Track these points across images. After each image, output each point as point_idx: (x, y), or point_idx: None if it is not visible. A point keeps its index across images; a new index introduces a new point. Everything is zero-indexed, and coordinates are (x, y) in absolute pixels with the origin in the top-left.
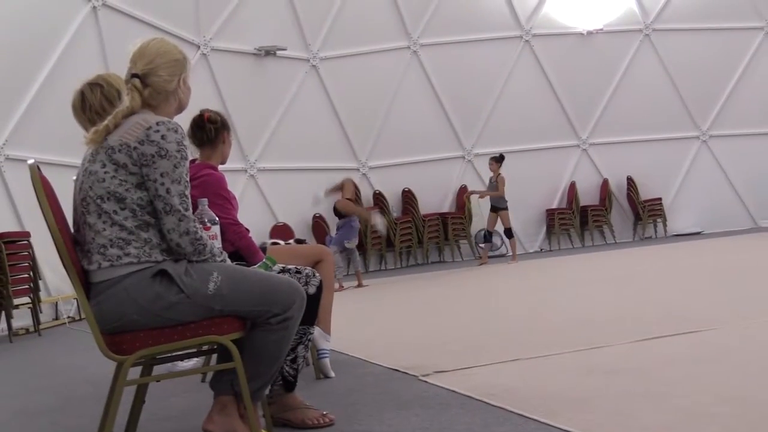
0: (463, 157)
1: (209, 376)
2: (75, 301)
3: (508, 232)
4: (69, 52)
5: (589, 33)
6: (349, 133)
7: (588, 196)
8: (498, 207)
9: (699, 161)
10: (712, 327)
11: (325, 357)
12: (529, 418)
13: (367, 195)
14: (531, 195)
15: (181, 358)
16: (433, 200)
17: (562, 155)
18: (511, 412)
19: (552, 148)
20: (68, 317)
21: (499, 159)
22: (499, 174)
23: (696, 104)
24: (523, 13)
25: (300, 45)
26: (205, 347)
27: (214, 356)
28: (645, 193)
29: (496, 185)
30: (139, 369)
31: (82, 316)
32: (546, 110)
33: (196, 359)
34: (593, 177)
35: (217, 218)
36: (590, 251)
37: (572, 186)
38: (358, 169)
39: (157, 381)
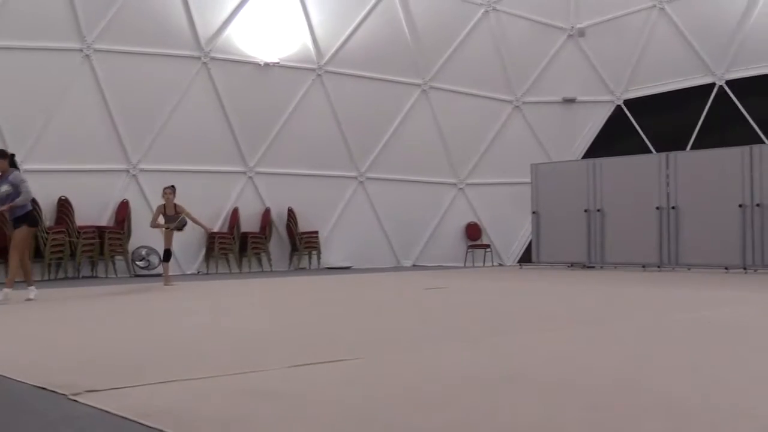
0: (128, 171)
1: None
2: None
3: (168, 254)
4: None
5: (266, 64)
6: (5, 132)
7: (250, 222)
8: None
9: (355, 200)
10: (358, 356)
11: None
12: None
13: None
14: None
15: None
16: (92, 212)
17: (228, 180)
18: None
19: (218, 172)
20: None
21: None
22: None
23: (357, 146)
24: (204, 35)
25: None
26: None
27: None
28: (304, 225)
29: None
30: None
31: None
32: (217, 133)
33: None
34: (256, 205)
35: None
36: (247, 277)
37: (235, 211)
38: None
39: None
